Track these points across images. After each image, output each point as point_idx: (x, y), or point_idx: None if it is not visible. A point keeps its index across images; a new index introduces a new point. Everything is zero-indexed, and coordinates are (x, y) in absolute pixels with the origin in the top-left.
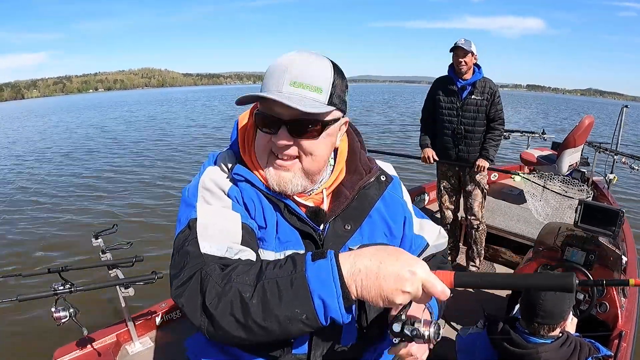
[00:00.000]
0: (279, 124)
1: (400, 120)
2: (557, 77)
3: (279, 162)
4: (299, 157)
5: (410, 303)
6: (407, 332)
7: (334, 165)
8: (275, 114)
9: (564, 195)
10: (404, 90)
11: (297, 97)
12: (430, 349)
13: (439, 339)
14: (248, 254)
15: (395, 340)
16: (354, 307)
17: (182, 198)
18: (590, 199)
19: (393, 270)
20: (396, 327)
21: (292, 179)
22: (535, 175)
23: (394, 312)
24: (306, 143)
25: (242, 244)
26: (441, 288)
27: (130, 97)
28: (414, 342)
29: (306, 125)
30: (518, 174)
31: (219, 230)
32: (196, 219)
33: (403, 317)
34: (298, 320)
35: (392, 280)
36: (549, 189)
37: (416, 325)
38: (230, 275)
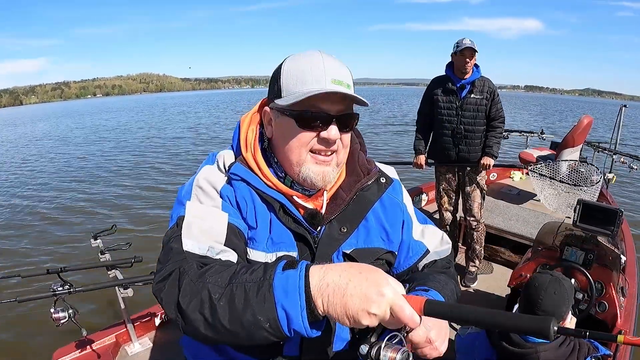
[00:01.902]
0: (329, 120)
1: (384, 126)
2: (556, 78)
3: (322, 157)
4: (336, 150)
5: (381, 326)
6: (372, 355)
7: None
8: (324, 111)
9: (573, 185)
10: (399, 93)
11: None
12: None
13: None
14: (229, 255)
15: None
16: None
17: (177, 196)
18: (602, 181)
19: (360, 290)
20: (363, 349)
21: (331, 172)
22: (542, 165)
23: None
24: (345, 136)
25: (225, 244)
26: (409, 313)
27: (128, 102)
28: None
29: (351, 119)
30: (526, 167)
31: (204, 230)
32: (184, 216)
33: (372, 339)
34: (262, 328)
35: (357, 300)
36: (556, 179)
37: (382, 350)
38: (205, 275)
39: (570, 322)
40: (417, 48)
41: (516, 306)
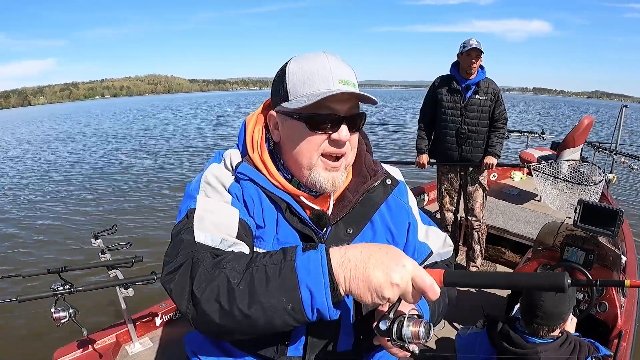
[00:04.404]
0: (340, 121)
1: (382, 128)
2: (564, 80)
3: (332, 164)
4: (345, 153)
5: (399, 301)
6: (394, 330)
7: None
8: (335, 112)
9: (577, 184)
10: (405, 95)
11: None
12: (433, 348)
13: (429, 339)
14: (242, 247)
15: (393, 342)
16: (347, 308)
17: (185, 192)
18: (603, 182)
19: (382, 262)
20: (383, 325)
21: (340, 177)
22: (545, 164)
23: (382, 308)
24: (354, 136)
25: (237, 237)
26: (430, 283)
27: (136, 103)
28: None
29: (360, 120)
30: (528, 166)
31: (216, 223)
32: (195, 209)
33: (391, 315)
34: (283, 310)
35: (380, 272)
36: (560, 178)
37: (405, 323)
38: (220, 263)
39: (571, 322)
40: (424, 50)
41: (517, 307)
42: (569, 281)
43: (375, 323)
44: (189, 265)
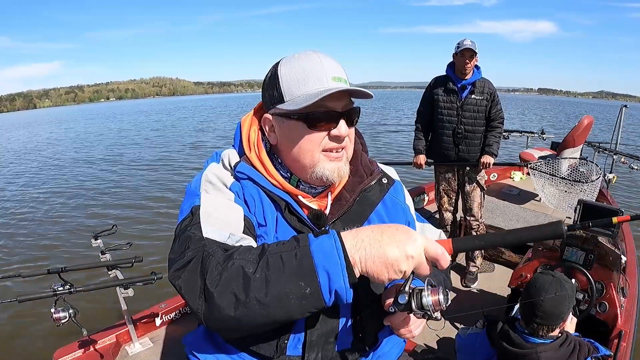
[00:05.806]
0: (338, 117)
1: (380, 127)
2: (569, 81)
3: (334, 154)
4: (345, 146)
5: (413, 274)
6: (414, 302)
7: None
8: (332, 109)
9: (573, 181)
10: (410, 96)
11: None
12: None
13: (448, 304)
14: (249, 242)
15: (415, 313)
16: (347, 306)
17: (186, 192)
18: (601, 179)
19: (395, 238)
20: (402, 299)
21: (343, 167)
22: (542, 162)
23: (390, 294)
24: (351, 131)
25: (243, 233)
26: (442, 251)
27: (138, 106)
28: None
29: (356, 114)
30: (526, 165)
31: (222, 219)
32: (199, 206)
33: (407, 288)
34: (301, 295)
35: (395, 247)
36: (557, 176)
37: (424, 294)
38: (232, 255)
39: (571, 322)
40: (429, 51)
41: (517, 306)
42: (566, 227)
43: (390, 301)
44: (199, 260)
